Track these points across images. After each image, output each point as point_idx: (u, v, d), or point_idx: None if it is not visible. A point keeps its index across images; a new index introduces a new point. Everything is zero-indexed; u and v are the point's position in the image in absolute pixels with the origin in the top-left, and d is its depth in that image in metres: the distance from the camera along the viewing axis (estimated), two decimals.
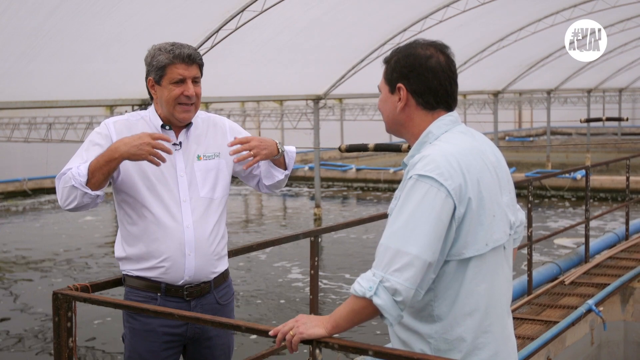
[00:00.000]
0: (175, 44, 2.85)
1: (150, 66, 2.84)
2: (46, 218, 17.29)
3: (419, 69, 2.14)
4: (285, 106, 25.84)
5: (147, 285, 2.86)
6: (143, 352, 2.89)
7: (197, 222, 2.86)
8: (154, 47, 2.87)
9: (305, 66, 13.95)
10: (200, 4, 10.04)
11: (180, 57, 2.80)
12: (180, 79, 2.81)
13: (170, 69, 2.80)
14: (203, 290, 2.91)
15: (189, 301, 2.88)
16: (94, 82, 10.83)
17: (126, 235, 2.88)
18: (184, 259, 2.83)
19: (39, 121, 21.44)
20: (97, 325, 8.28)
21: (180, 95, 2.81)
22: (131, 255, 2.87)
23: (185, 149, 2.91)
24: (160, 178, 2.84)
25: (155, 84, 2.86)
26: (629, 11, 16.15)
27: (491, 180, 2.13)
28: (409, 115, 2.19)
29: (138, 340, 2.89)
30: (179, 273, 2.84)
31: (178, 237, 2.82)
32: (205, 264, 2.89)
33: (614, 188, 17.54)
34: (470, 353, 2.10)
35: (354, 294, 2.03)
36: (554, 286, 6.47)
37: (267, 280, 10.47)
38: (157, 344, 2.87)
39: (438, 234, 2.01)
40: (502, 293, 2.17)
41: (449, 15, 13.08)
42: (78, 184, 2.66)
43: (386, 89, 2.22)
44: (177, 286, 2.86)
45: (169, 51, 2.81)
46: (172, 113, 2.85)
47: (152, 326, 2.86)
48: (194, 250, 2.84)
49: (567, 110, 28.62)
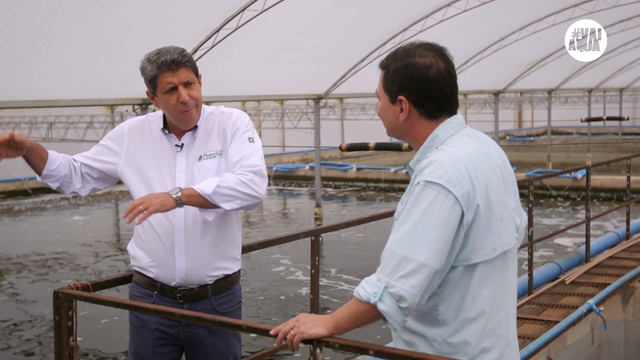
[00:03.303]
0: (160, 51, 2.79)
1: (144, 79, 2.84)
2: (47, 217, 17.29)
3: (420, 80, 2.11)
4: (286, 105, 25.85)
5: (146, 282, 2.91)
6: (137, 347, 2.94)
7: (191, 224, 2.81)
8: (144, 58, 2.84)
9: (305, 66, 13.94)
10: (200, 3, 10.04)
11: (165, 65, 2.74)
12: (171, 88, 2.77)
13: (159, 79, 2.77)
14: (198, 295, 2.85)
15: (182, 304, 2.85)
16: (94, 82, 10.84)
17: (135, 233, 2.96)
18: (173, 261, 2.82)
19: (39, 120, 21.45)
20: (104, 324, 8.29)
21: (176, 103, 2.78)
22: (133, 252, 2.94)
23: (188, 151, 2.89)
24: (159, 179, 2.86)
25: (153, 96, 2.86)
26: (629, 11, 16.14)
27: (498, 184, 2.11)
28: (412, 125, 2.17)
29: (133, 334, 2.96)
30: (169, 274, 2.84)
31: (168, 238, 2.82)
32: (199, 267, 2.83)
33: (615, 188, 17.53)
34: (475, 357, 2.09)
35: (358, 298, 2.02)
36: (554, 286, 6.47)
37: (267, 279, 10.48)
38: (149, 340, 2.90)
39: (445, 241, 1.99)
40: (507, 296, 2.16)
41: (450, 14, 13.08)
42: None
43: (386, 98, 2.18)
44: (171, 287, 2.86)
45: (154, 61, 2.76)
46: (177, 121, 2.85)
47: (146, 322, 2.90)
48: (184, 253, 2.81)
49: (568, 109, 28.59)
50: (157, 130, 2.92)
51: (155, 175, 2.86)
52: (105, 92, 11.17)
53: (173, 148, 2.89)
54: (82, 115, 21.22)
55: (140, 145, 2.92)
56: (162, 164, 2.88)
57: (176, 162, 2.87)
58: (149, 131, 2.93)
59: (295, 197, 20.19)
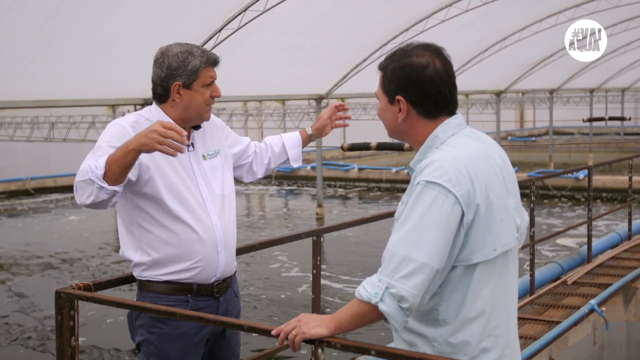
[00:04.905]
0: (199, 47, 2.92)
1: (180, 70, 2.81)
2: (48, 217, 17.30)
3: (416, 80, 2.12)
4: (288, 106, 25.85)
5: (177, 289, 2.84)
6: (174, 356, 2.86)
7: (221, 219, 2.91)
8: (181, 51, 2.82)
9: (307, 66, 13.94)
10: (202, 3, 10.05)
11: (211, 60, 2.88)
12: (211, 81, 2.89)
13: (203, 72, 2.85)
14: (228, 285, 2.98)
15: (218, 297, 2.93)
16: (96, 82, 10.85)
17: (150, 240, 2.80)
18: (217, 257, 2.88)
19: (41, 120, 21.47)
20: (109, 324, 8.30)
21: (209, 97, 2.89)
22: (159, 259, 2.81)
23: (194, 150, 2.94)
24: (180, 180, 2.83)
25: (182, 88, 2.83)
26: (631, 11, 16.13)
27: (498, 184, 2.11)
28: (411, 125, 2.18)
29: (169, 344, 2.85)
30: (212, 271, 2.88)
31: (210, 236, 2.85)
32: (231, 259, 2.96)
33: (617, 188, 17.51)
34: (475, 357, 2.09)
35: (359, 298, 2.02)
36: (556, 286, 6.46)
37: (269, 279, 10.48)
38: (190, 345, 2.87)
39: (446, 241, 1.99)
40: (507, 296, 2.16)
41: (451, 14, 13.08)
42: (95, 177, 2.51)
43: (385, 99, 2.20)
44: (208, 285, 2.88)
45: (200, 55, 2.85)
46: (200, 115, 2.89)
47: (185, 329, 2.85)
48: (224, 247, 2.90)
49: (570, 110, 28.59)
50: None
51: (175, 176, 2.82)
52: (107, 92, 11.19)
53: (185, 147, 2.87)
54: (83, 116, 21.26)
55: None
56: (176, 163, 2.84)
57: (191, 162, 2.90)
58: None
59: (296, 197, 20.20)
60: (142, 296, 2.88)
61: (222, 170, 2.98)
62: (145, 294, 2.86)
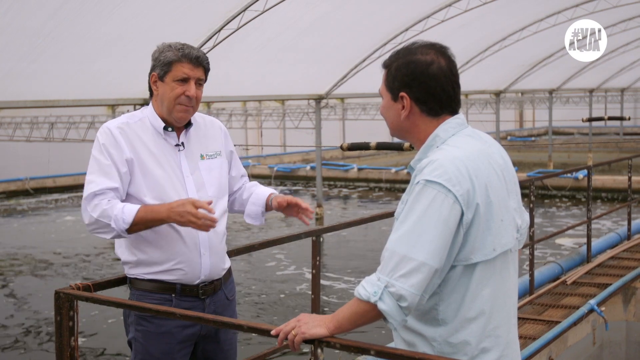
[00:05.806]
0: (185, 44, 2.87)
1: (157, 61, 2.84)
2: (48, 217, 17.29)
3: (420, 77, 2.12)
4: (287, 106, 25.85)
5: (161, 288, 2.85)
6: (158, 354, 2.86)
7: None
8: (164, 44, 2.87)
9: (307, 66, 13.95)
10: (201, 4, 10.05)
11: (188, 57, 2.81)
12: (184, 78, 2.80)
13: (176, 66, 2.80)
14: (216, 288, 2.94)
15: (204, 299, 2.90)
16: (96, 82, 10.85)
17: (136, 240, 2.82)
18: (199, 259, 2.85)
19: (40, 120, 21.46)
20: (110, 324, 8.30)
21: (181, 94, 2.81)
22: (144, 259, 2.84)
23: (187, 149, 2.91)
24: (168, 181, 2.83)
25: (158, 80, 2.85)
26: (630, 11, 16.14)
27: (499, 184, 2.11)
28: (414, 122, 2.17)
29: (153, 342, 2.86)
30: (195, 273, 2.85)
31: (192, 238, 2.84)
32: (218, 262, 2.92)
33: (616, 188, 17.51)
34: (475, 357, 2.09)
35: (358, 297, 2.02)
36: (555, 286, 6.47)
37: (268, 279, 10.48)
38: (172, 345, 2.86)
39: (445, 240, 1.99)
40: (507, 296, 2.16)
41: (451, 15, 13.08)
42: (117, 227, 2.69)
43: (388, 96, 2.20)
44: (193, 286, 2.87)
45: (178, 49, 2.82)
46: (170, 111, 2.84)
47: (168, 327, 2.85)
48: (208, 250, 2.87)
49: (569, 110, 28.61)
50: (150, 130, 2.86)
51: (162, 175, 2.82)
52: (107, 92, 11.19)
53: (173, 147, 2.88)
54: (83, 116, 21.24)
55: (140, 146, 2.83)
56: (165, 163, 2.84)
57: (180, 161, 2.87)
58: (141, 131, 2.84)
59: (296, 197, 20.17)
60: (130, 294, 2.92)
61: (219, 171, 2.97)
62: (133, 291, 2.90)
